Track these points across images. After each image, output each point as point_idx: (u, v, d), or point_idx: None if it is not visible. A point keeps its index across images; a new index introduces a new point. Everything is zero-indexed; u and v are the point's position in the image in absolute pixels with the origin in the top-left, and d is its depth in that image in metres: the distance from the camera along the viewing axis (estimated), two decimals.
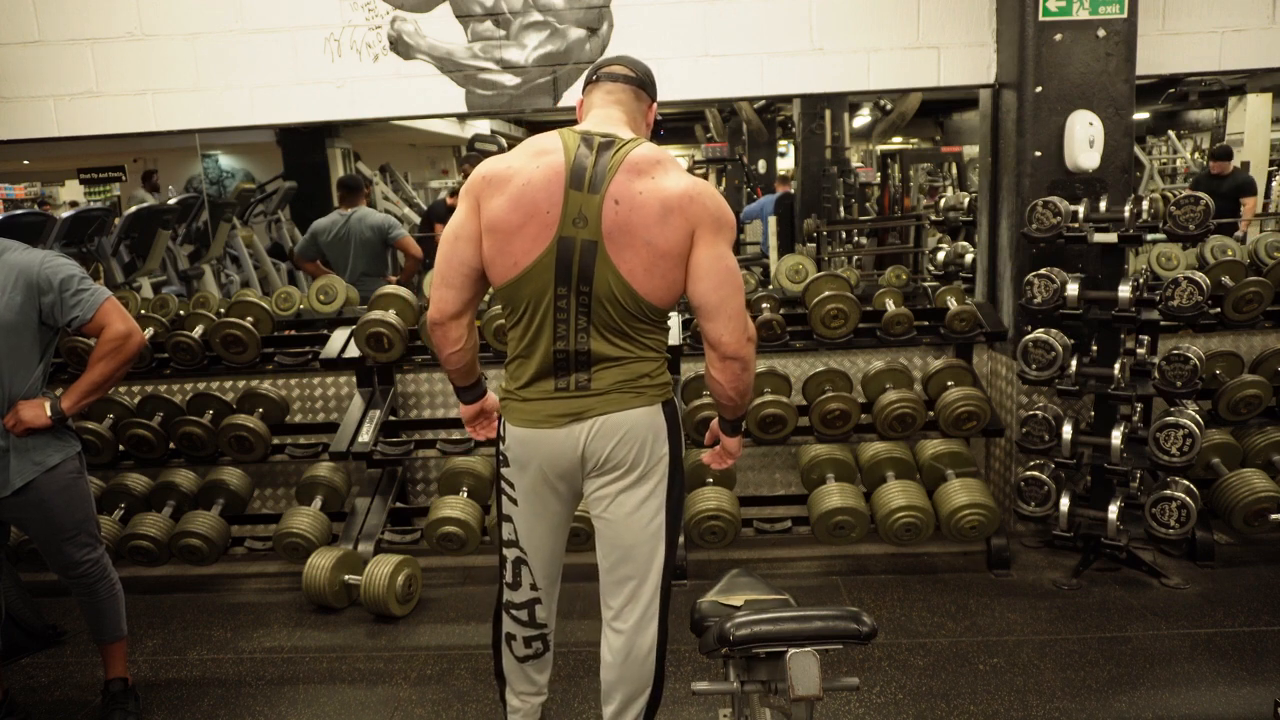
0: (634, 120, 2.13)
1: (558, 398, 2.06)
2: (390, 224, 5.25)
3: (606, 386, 2.04)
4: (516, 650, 2.32)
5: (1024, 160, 3.77)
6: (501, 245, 1.99)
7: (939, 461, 3.78)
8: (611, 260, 1.94)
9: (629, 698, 2.21)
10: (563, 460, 2.09)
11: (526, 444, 2.11)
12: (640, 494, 2.11)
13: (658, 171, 1.97)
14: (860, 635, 1.58)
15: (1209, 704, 2.67)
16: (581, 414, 2.05)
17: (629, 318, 2.00)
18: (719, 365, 2.05)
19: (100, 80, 4.04)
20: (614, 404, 2.04)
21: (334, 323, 4.25)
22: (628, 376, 2.04)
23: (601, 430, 2.05)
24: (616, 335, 2.02)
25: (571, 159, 1.97)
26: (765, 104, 10.87)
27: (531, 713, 2.43)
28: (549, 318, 2.00)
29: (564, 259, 1.95)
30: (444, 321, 2.11)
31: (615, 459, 2.08)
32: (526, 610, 2.27)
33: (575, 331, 2.00)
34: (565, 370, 2.04)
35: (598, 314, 1.99)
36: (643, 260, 1.95)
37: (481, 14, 3.99)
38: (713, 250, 1.97)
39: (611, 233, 1.93)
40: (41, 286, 2.44)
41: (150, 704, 2.89)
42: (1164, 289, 3.47)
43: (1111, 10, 3.61)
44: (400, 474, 4.06)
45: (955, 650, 3.02)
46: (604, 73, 2.16)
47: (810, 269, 4.55)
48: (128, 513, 3.94)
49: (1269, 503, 3.48)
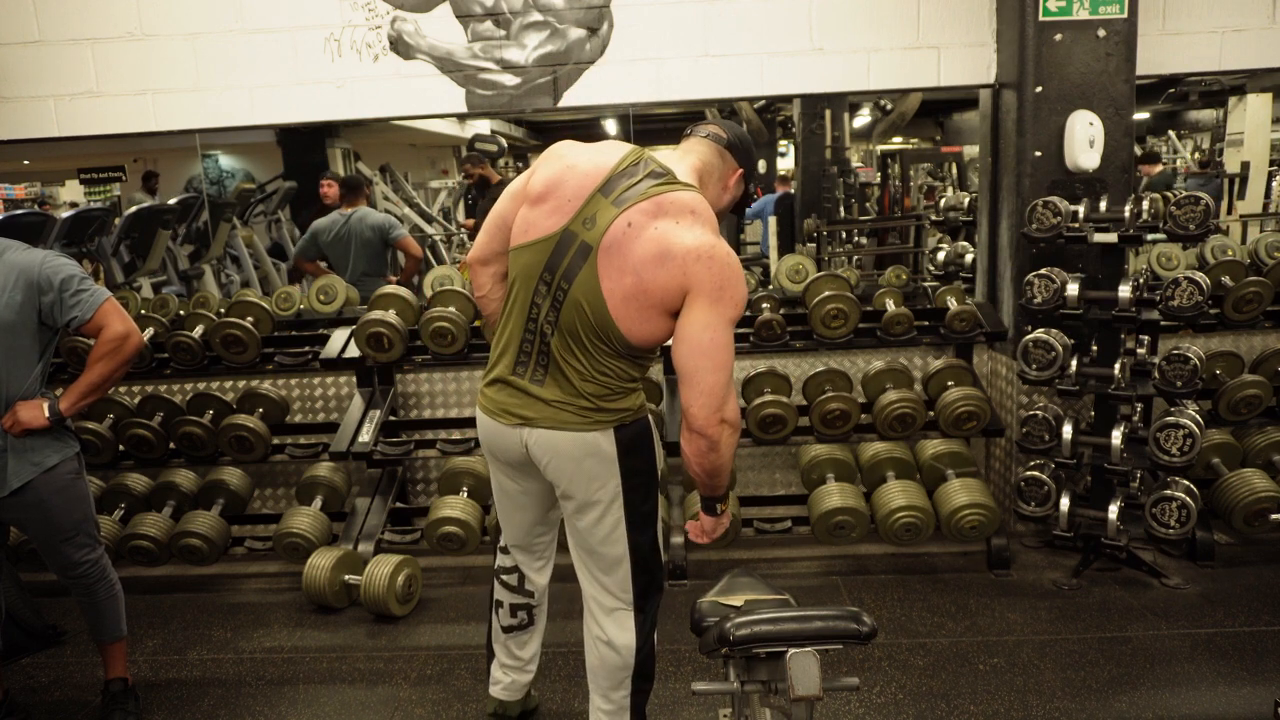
0: (706, 174, 2.10)
1: (511, 384, 2.09)
2: (390, 224, 5.25)
3: (552, 398, 2.05)
4: (502, 618, 2.45)
5: (1024, 160, 3.77)
6: (526, 211, 2.05)
7: (939, 461, 3.78)
8: (598, 272, 1.94)
9: (607, 686, 2.25)
10: (512, 454, 2.16)
11: (484, 430, 2.19)
12: (591, 516, 2.13)
13: (685, 220, 1.93)
14: (860, 635, 1.58)
15: (1209, 704, 2.67)
16: (526, 421, 2.08)
17: (592, 333, 1.99)
18: (686, 436, 1.99)
19: (100, 80, 4.04)
20: (552, 421, 2.05)
21: (334, 323, 4.25)
22: (576, 397, 2.03)
23: (539, 443, 2.08)
24: (575, 344, 2.01)
25: (619, 168, 1.99)
26: (765, 104, 10.86)
27: (512, 688, 2.52)
28: (529, 294, 2.03)
29: (560, 250, 1.98)
30: (476, 265, 2.25)
31: (556, 477, 2.12)
32: (515, 575, 2.42)
33: (544, 318, 2.02)
34: (525, 362, 2.07)
35: (565, 315, 1.99)
36: (625, 288, 1.93)
37: (481, 14, 3.99)
38: (702, 318, 1.90)
39: (608, 248, 1.93)
40: (42, 286, 2.44)
41: (150, 704, 2.89)
42: (1164, 289, 3.47)
43: (1111, 10, 3.61)
44: (400, 474, 4.06)
45: (955, 650, 3.02)
46: (698, 128, 2.16)
47: (810, 269, 4.55)
48: (128, 513, 3.94)
49: (1269, 503, 3.48)
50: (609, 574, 2.19)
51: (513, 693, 2.54)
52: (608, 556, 2.17)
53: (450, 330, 3.75)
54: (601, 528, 2.14)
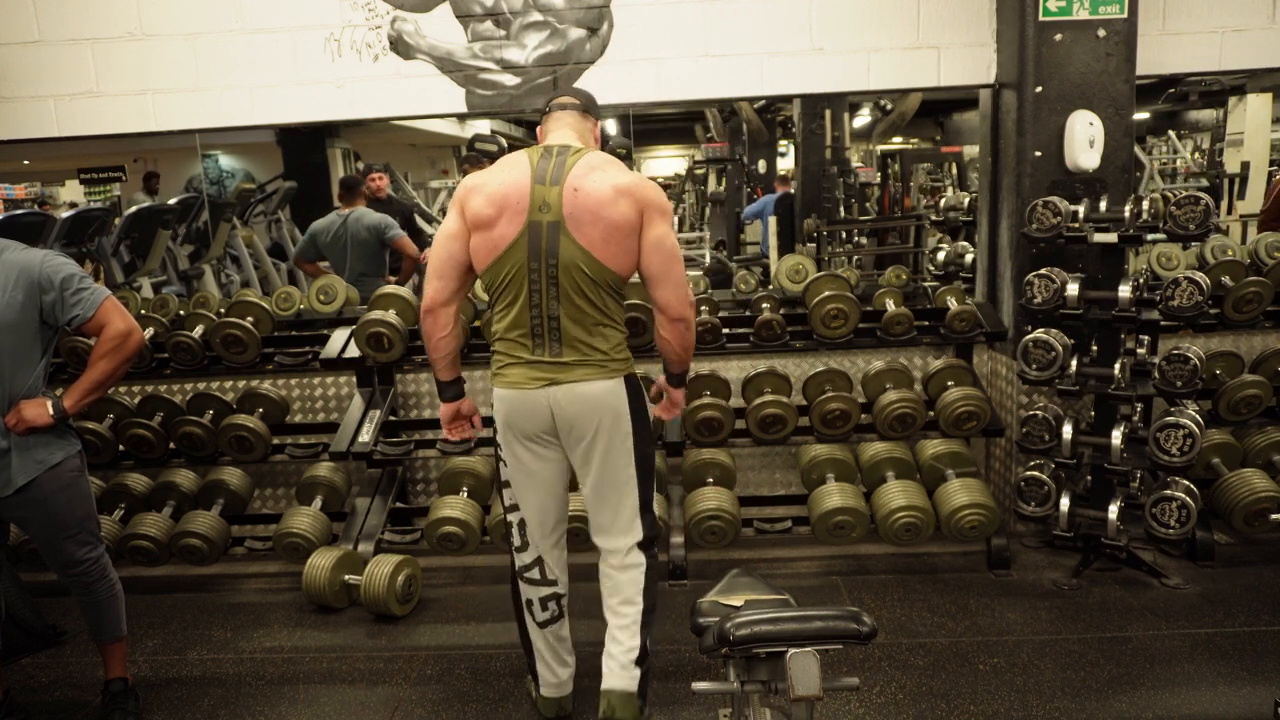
0: (582, 137, 2.50)
1: (535, 362, 2.40)
2: (387, 224, 5.25)
3: (574, 359, 2.39)
4: (537, 615, 2.62)
5: (1024, 160, 3.77)
6: (483, 236, 2.36)
7: (939, 461, 3.78)
8: (572, 235, 2.30)
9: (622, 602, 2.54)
10: (537, 420, 2.43)
11: (509, 404, 2.44)
12: (608, 452, 2.46)
13: (609, 168, 2.37)
14: (860, 635, 1.58)
15: (1209, 704, 2.67)
16: (554, 380, 2.39)
17: (590, 284, 2.34)
18: (668, 326, 2.44)
19: (100, 80, 4.04)
20: (580, 375, 2.39)
21: (334, 323, 4.25)
22: (592, 353, 2.39)
23: (565, 395, 2.39)
24: (581, 299, 2.35)
25: (535, 163, 2.36)
26: (765, 104, 10.87)
27: (561, 686, 2.67)
28: (524, 289, 2.35)
29: (534, 239, 2.32)
30: (435, 309, 2.45)
31: (582, 424, 2.42)
32: (536, 569, 2.59)
33: (546, 299, 2.35)
34: (540, 337, 2.38)
35: (564, 282, 2.33)
36: (600, 232, 2.31)
37: (481, 14, 3.99)
38: (659, 230, 2.36)
39: (572, 213, 2.30)
40: (43, 285, 2.44)
41: (150, 704, 2.89)
42: (1164, 289, 3.47)
43: (1111, 10, 3.61)
44: (400, 474, 4.06)
45: (955, 650, 3.02)
46: (554, 104, 2.54)
47: (810, 269, 4.55)
48: (128, 513, 3.94)
49: (1269, 503, 3.48)
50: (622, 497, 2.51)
51: (567, 687, 2.69)
52: (619, 479, 2.49)
53: None
54: (615, 462, 2.47)
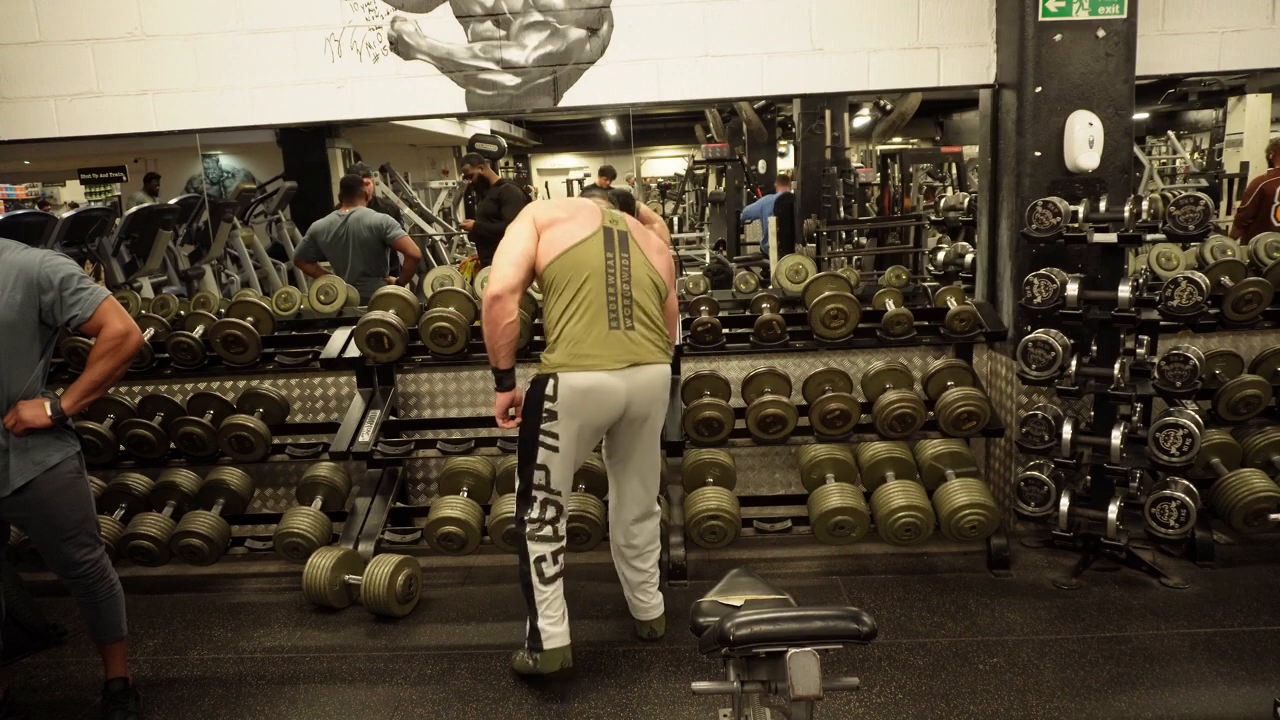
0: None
1: (614, 340, 2.76)
2: (388, 224, 5.25)
3: (644, 338, 2.82)
4: (547, 570, 2.81)
5: (1024, 160, 3.77)
6: (559, 229, 2.82)
7: (939, 461, 3.78)
8: (639, 246, 2.91)
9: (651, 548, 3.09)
10: (613, 400, 2.77)
11: (583, 385, 2.73)
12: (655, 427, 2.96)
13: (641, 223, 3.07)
14: (860, 635, 1.58)
15: (1209, 704, 2.67)
16: (636, 360, 2.78)
17: (647, 283, 2.88)
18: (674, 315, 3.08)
19: (100, 80, 4.05)
20: (650, 356, 2.83)
21: (334, 323, 4.26)
22: (656, 332, 2.87)
23: (645, 376, 2.81)
24: (647, 287, 2.87)
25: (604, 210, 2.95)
26: (765, 104, 10.85)
27: (563, 636, 2.82)
28: (601, 272, 2.79)
29: (609, 237, 2.85)
30: (505, 294, 2.76)
31: (646, 401, 2.84)
32: (550, 527, 2.83)
33: (621, 283, 2.81)
34: (616, 316, 2.78)
35: (635, 273, 2.85)
36: (650, 252, 2.94)
37: (481, 14, 3.99)
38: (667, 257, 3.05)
39: (633, 230, 2.93)
40: (42, 285, 2.44)
41: (150, 704, 2.90)
42: (1164, 289, 3.47)
43: (1111, 10, 3.61)
44: (400, 474, 4.06)
45: (955, 650, 3.02)
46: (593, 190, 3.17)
47: (810, 269, 4.55)
48: (128, 513, 3.94)
49: (1268, 502, 3.48)
50: (654, 471, 3.03)
51: (568, 637, 2.84)
52: (655, 457, 3.03)
53: (450, 330, 3.75)
54: (656, 439, 3.00)
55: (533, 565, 2.81)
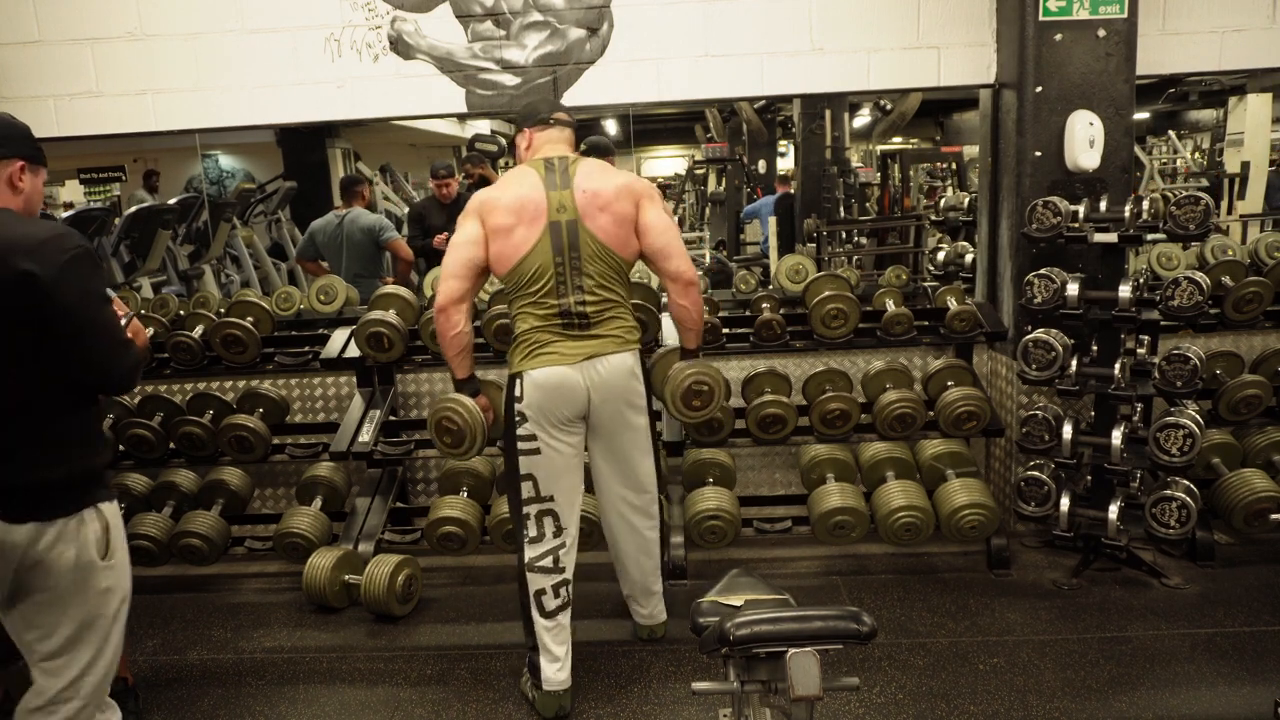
0: (571, 147, 2.82)
1: (571, 342, 2.67)
2: (381, 226, 5.25)
3: (603, 334, 2.70)
4: (548, 604, 2.72)
5: (1024, 160, 3.77)
6: (505, 241, 2.65)
7: (939, 461, 3.78)
8: (590, 229, 2.65)
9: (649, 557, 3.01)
10: (573, 396, 2.67)
11: (544, 383, 2.65)
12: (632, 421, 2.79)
13: (606, 169, 2.76)
14: (860, 635, 1.58)
15: (1209, 704, 2.67)
16: (591, 354, 2.68)
17: (607, 271, 2.69)
18: (684, 293, 2.78)
19: (100, 80, 4.04)
20: (609, 348, 2.70)
21: (334, 323, 4.25)
22: (616, 327, 2.72)
23: (603, 366, 2.69)
24: (605, 281, 2.68)
25: (543, 175, 2.68)
26: (765, 104, 10.84)
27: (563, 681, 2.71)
28: (552, 281, 2.64)
29: (556, 235, 2.64)
30: (447, 307, 2.68)
31: (609, 394, 2.71)
32: (551, 557, 2.73)
33: (572, 288, 2.66)
34: (570, 324, 2.67)
35: (586, 269, 2.66)
36: (609, 225, 2.66)
37: (481, 14, 3.99)
38: (654, 210, 2.73)
39: (584, 211, 2.64)
40: None
41: (150, 704, 2.89)
42: (1164, 289, 3.47)
43: (1111, 10, 3.61)
44: (400, 474, 4.06)
45: (955, 650, 3.02)
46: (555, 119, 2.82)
47: (810, 269, 4.55)
48: (128, 513, 3.93)
49: (1269, 503, 3.47)
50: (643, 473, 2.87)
51: (568, 682, 2.74)
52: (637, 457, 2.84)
53: None
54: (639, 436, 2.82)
55: (532, 598, 2.73)
